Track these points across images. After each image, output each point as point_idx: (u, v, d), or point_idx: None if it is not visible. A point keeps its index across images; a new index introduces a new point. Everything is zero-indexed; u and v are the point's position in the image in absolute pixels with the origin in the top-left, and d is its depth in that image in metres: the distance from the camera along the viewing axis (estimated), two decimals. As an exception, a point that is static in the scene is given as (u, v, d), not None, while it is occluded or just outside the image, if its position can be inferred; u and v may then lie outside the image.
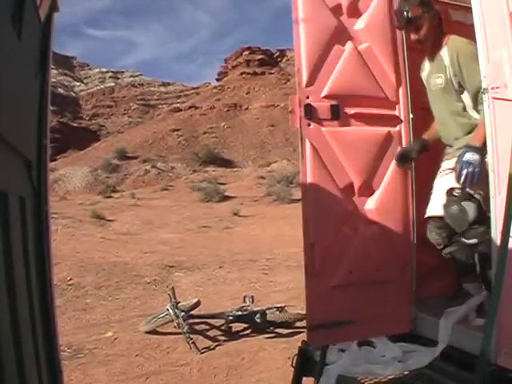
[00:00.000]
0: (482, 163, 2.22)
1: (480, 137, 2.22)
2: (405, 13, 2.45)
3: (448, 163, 2.50)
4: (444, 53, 2.44)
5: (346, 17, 2.55)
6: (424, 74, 2.63)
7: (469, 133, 2.41)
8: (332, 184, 2.43)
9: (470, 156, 2.22)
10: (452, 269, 3.13)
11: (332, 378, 2.28)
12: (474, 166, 2.21)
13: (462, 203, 2.27)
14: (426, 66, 2.62)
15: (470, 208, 2.26)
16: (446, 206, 2.33)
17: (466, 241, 2.33)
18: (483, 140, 2.18)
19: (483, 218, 2.26)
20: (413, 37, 2.50)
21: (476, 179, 2.21)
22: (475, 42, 2.04)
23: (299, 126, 2.42)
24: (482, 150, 2.19)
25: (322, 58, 2.45)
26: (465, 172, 2.22)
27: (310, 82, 2.44)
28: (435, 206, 2.46)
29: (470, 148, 2.25)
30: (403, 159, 2.55)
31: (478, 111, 2.37)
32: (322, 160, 2.42)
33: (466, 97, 2.44)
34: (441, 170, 2.57)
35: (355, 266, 2.40)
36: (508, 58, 1.88)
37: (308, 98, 2.42)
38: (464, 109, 2.46)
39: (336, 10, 2.52)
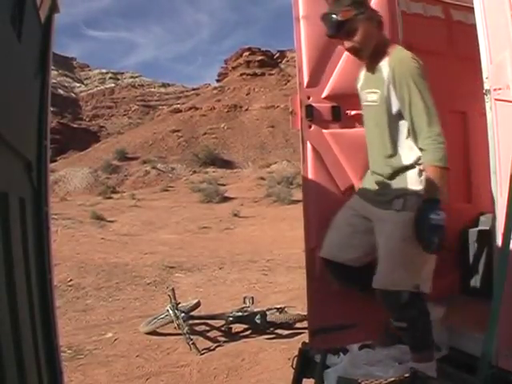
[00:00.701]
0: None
1: (436, 184, 1.91)
2: (333, 16, 2.02)
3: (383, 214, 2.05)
4: (385, 64, 2.03)
5: None
6: (358, 86, 2.25)
7: (396, 172, 2.05)
8: (333, 187, 2.41)
9: (436, 217, 1.86)
10: (452, 269, 3.13)
11: (332, 379, 2.28)
12: (442, 228, 1.87)
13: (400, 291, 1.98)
14: (361, 75, 2.23)
15: (403, 295, 2.00)
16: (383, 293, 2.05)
17: (393, 322, 2.11)
18: (442, 188, 1.92)
19: (415, 299, 2.03)
20: (346, 45, 2.08)
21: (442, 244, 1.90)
22: (477, 44, 2.02)
23: (300, 127, 2.40)
24: (440, 202, 1.90)
25: (323, 57, 2.41)
26: (435, 240, 1.90)
27: (311, 82, 2.41)
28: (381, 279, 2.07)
29: (431, 205, 1.89)
30: None
31: (420, 150, 1.98)
32: (324, 163, 2.40)
33: (403, 125, 2.04)
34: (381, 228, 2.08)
35: None
36: (510, 58, 1.87)
37: (309, 98, 2.40)
38: (394, 143, 2.06)
39: None
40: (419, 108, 1.95)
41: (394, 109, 2.03)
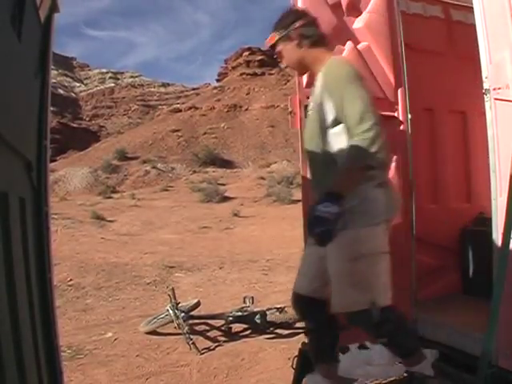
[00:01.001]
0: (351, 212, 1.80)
1: (342, 180, 1.83)
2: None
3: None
4: (320, 74, 2.03)
5: (346, 15, 2.55)
6: None
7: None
8: None
9: (322, 209, 1.75)
10: (452, 269, 3.13)
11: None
12: (326, 220, 1.75)
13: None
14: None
15: (371, 313, 1.88)
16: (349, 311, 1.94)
17: (378, 339, 2.06)
18: (348, 184, 1.82)
19: (384, 313, 1.89)
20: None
21: (331, 238, 1.78)
22: (477, 43, 2.02)
23: (299, 127, 2.41)
24: (342, 197, 1.78)
25: None
26: (315, 231, 1.81)
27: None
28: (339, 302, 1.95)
29: (325, 197, 1.79)
30: None
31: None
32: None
33: (339, 134, 1.93)
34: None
35: None
36: (510, 58, 1.88)
37: (308, 98, 2.41)
38: (329, 155, 1.95)
39: (336, 8, 2.51)
40: (352, 109, 1.85)
41: (329, 117, 1.95)
